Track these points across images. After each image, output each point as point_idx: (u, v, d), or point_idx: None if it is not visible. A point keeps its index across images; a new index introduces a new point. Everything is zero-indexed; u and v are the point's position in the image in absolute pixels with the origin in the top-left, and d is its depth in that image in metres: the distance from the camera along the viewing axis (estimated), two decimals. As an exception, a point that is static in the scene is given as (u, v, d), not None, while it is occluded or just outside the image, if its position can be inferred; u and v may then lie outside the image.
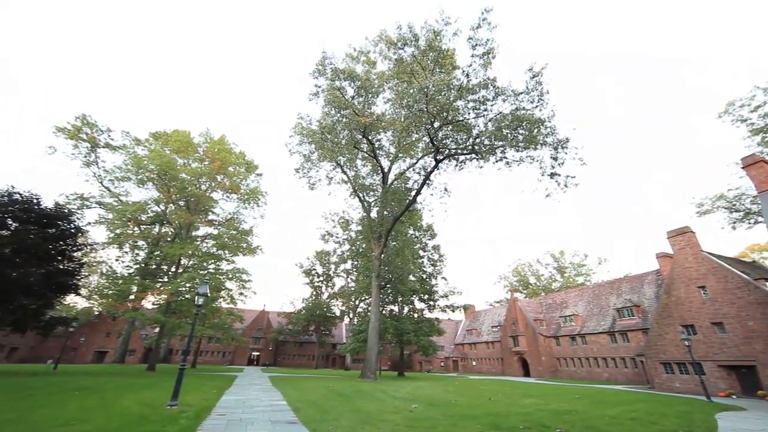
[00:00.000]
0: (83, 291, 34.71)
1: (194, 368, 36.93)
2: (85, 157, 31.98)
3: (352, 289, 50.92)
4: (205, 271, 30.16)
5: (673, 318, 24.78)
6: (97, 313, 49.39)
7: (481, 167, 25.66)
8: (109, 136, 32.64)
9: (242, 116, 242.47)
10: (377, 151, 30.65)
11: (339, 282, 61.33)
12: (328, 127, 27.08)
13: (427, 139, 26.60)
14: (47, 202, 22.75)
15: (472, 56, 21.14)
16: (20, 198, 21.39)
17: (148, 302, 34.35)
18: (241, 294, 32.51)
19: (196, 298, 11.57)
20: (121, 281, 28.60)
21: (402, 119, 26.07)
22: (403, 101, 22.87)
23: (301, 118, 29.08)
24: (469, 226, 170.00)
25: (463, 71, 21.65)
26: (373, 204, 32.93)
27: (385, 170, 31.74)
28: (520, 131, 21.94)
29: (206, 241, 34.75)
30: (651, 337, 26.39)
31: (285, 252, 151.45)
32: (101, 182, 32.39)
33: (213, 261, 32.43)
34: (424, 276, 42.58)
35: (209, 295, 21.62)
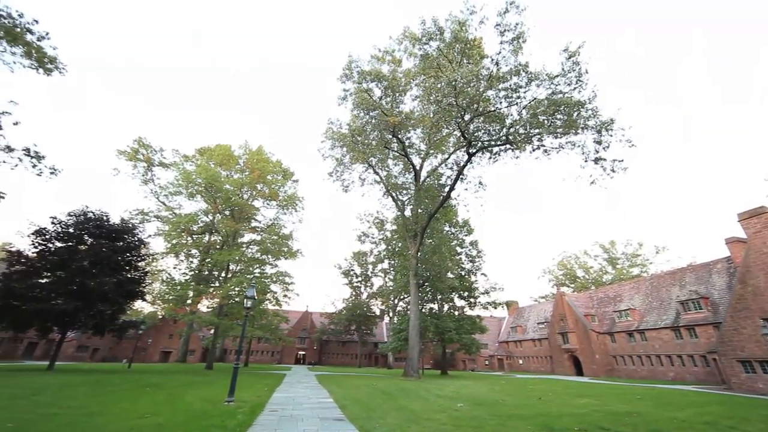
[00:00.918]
0: (148, 297, 38.50)
1: (247, 367, 39.33)
2: (143, 176, 35.35)
3: (391, 288, 51.20)
4: (252, 275, 32.05)
5: (751, 310, 22.01)
6: (160, 316, 54.51)
7: (517, 158, 24.66)
8: (161, 155, 35.80)
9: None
10: (408, 150, 30.53)
11: (377, 282, 62.07)
12: (358, 130, 27.41)
13: (458, 133, 26.00)
14: (114, 218, 25.61)
15: (501, 43, 20.34)
16: (93, 216, 24.24)
17: (204, 306, 37.19)
18: (285, 296, 34.24)
19: (245, 300, 12.30)
20: (179, 287, 31.19)
21: (431, 115, 25.75)
22: (431, 97, 22.56)
23: (331, 123, 29.70)
24: (508, 219, 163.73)
25: (492, 60, 20.89)
26: (406, 202, 32.87)
27: (417, 168, 31.53)
28: (558, 116, 20.73)
29: (251, 247, 36.76)
30: (725, 332, 23.66)
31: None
32: (158, 197, 35.64)
33: (258, 265, 34.35)
34: (463, 273, 41.65)
35: (256, 297, 23.01)
